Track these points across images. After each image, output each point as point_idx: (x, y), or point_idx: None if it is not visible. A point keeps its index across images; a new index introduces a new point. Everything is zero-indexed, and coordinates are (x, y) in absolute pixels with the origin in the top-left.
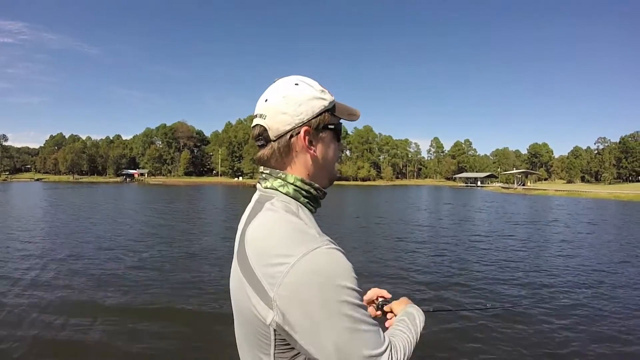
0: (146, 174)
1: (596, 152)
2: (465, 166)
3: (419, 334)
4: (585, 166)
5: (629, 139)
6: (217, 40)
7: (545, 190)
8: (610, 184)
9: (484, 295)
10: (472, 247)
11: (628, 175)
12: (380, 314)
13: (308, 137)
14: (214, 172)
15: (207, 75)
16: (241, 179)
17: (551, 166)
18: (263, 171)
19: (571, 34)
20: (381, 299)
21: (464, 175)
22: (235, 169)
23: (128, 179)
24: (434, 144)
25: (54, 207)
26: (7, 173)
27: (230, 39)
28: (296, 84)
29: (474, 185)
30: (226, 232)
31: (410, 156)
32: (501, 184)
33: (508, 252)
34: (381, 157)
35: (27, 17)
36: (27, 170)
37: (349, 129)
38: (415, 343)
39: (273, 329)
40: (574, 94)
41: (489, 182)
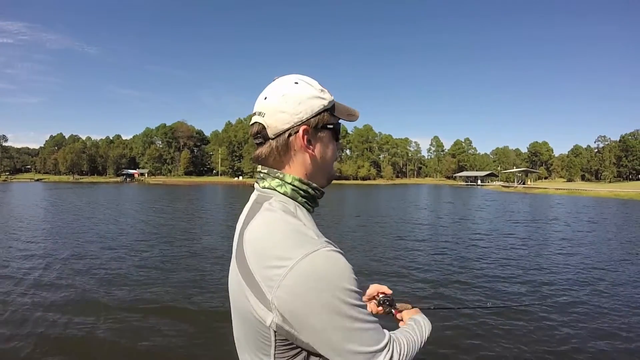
0: (146, 174)
1: (596, 150)
2: (466, 165)
3: (425, 338)
4: (586, 165)
5: (629, 137)
6: (217, 40)
7: (545, 188)
8: (610, 182)
9: (484, 292)
10: (473, 245)
11: (628, 174)
12: (381, 310)
13: (307, 136)
14: (214, 171)
15: (207, 75)
16: (241, 178)
17: (551, 165)
18: (261, 171)
19: (571, 32)
20: (382, 295)
21: (464, 174)
22: (236, 168)
23: (128, 179)
24: (434, 143)
25: (55, 207)
26: (7, 173)
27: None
28: (296, 83)
29: (474, 184)
30: (227, 231)
31: (410, 155)
32: (501, 183)
33: (508, 250)
34: (381, 156)
35: (26, 17)
36: (27, 171)
37: (349, 127)
38: (420, 345)
39: (273, 330)
40: (574, 93)
41: (489, 181)
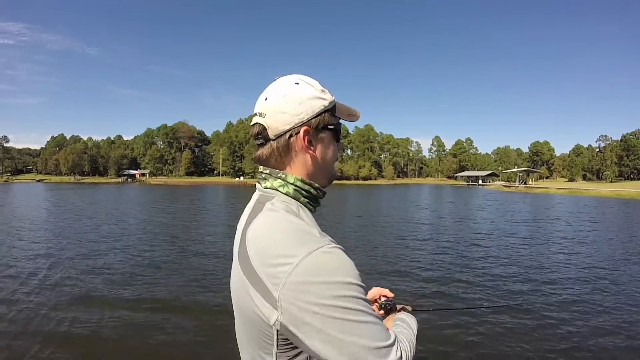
0: (147, 174)
1: (598, 150)
2: (467, 165)
3: (415, 334)
4: (587, 164)
5: (631, 136)
6: (217, 40)
7: (546, 188)
8: (611, 182)
9: (485, 292)
10: (474, 245)
11: (630, 173)
12: (383, 313)
13: (307, 137)
14: (215, 172)
15: (207, 75)
16: (242, 178)
17: (553, 164)
18: (263, 171)
19: (571, 32)
20: (384, 298)
21: (465, 174)
22: (237, 168)
23: (129, 180)
24: (435, 143)
25: (57, 207)
26: (8, 174)
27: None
28: (296, 83)
29: (476, 183)
30: (229, 230)
31: (411, 155)
32: (503, 183)
33: (510, 249)
34: (382, 156)
35: (27, 18)
36: (29, 172)
37: (350, 127)
38: (415, 343)
39: (276, 329)
40: (575, 92)
41: (491, 181)
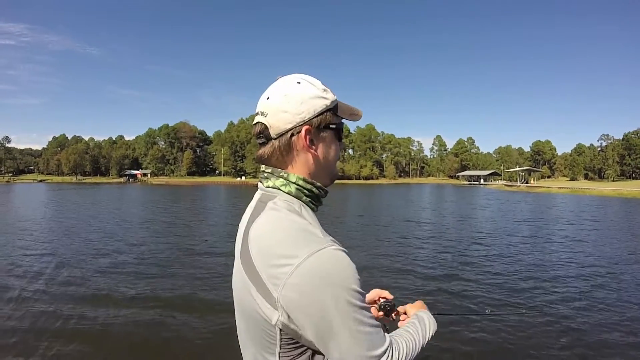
0: (149, 174)
1: (599, 149)
2: (468, 164)
3: (428, 337)
4: (589, 163)
5: (632, 135)
6: (217, 40)
7: (548, 187)
8: (613, 181)
9: (487, 294)
10: (476, 244)
11: (631, 172)
12: (382, 315)
13: (309, 136)
14: (217, 172)
15: (207, 75)
16: (244, 178)
17: (554, 164)
18: (265, 170)
19: (574, 31)
20: (383, 300)
21: (467, 173)
22: (238, 168)
23: (131, 180)
24: (436, 142)
25: (60, 207)
26: (10, 174)
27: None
28: (298, 83)
29: (477, 183)
30: (232, 229)
31: (412, 154)
32: (504, 182)
33: (511, 250)
34: (384, 156)
35: (27, 18)
36: (30, 172)
37: (352, 127)
38: (422, 345)
39: (279, 329)
40: (577, 91)
41: (492, 180)
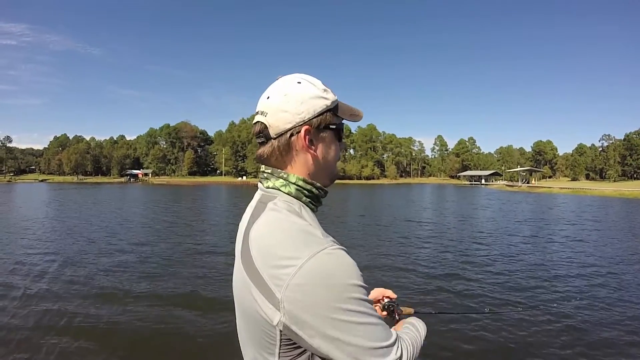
0: (150, 174)
1: (601, 149)
2: (470, 164)
3: (423, 337)
4: (590, 163)
5: (634, 135)
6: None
7: (549, 188)
8: (615, 181)
9: (488, 294)
10: (477, 245)
11: (633, 173)
12: (385, 314)
13: (308, 136)
14: (218, 171)
15: (207, 75)
16: (245, 178)
17: (555, 164)
18: (264, 170)
19: (574, 31)
20: (387, 299)
21: (468, 173)
22: (239, 168)
23: (132, 179)
24: (437, 142)
25: (62, 207)
26: (11, 174)
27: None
28: (298, 82)
29: (478, 183)
30: (233, 229)
31: (414, 154)
32: (505, 182)
33: (513, 250)
34: (385, 156)
35: (28, 18)
36: (32, 172)
37: (353, 127)
38: (420, 344)
39: (279, 330)
40: (578, 91)
41: (493, 180)
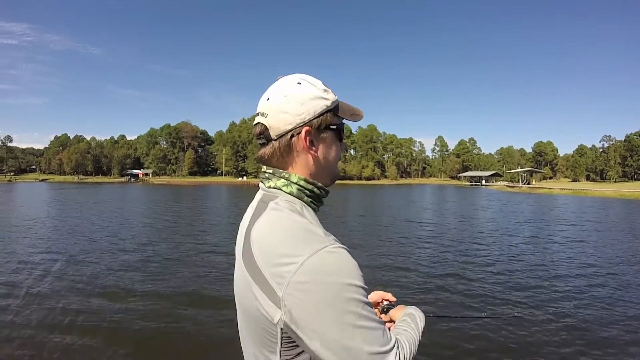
0: (150, 174)
1: (601, 150)
2: (470, 165)
3: (421, 332)
4: (591, 164)
5: (634, 136)
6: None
7: (550, 188)
8: (615, 182)
9: (488, 296)
10: (477, 246)
11: (633, 174)
12: (384, 317)
13: (309, 137)
14: (218, 172)
15: (207, 75)
16: (245, 178)
17: (556, 164)
18: (266, 171)
19: (574, 31)
20: (386, 302)
21: (468, 174)
22: (240, 168)
23: (132, 179)
24: (438, 143)
25: (63, 206)
26: (12, 174)
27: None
28: (299, 83)
29: (479, 184)
30: (235, 228)
31: (414, 155)
32: (506, 183)
33: (513, 251)
34: (385, 156)
35: (29, 18)
36: (32, 171)
37: (353, 127)
38: (418, 341)
39: (280, 328)
40: (579, 92)
41: (494, 181)
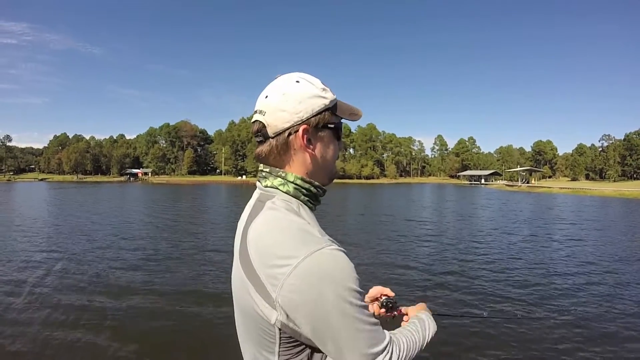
0: (150, 173)
1: (600, 149)
2: (469, 164)
3: (428, 338)
4: (590, 163)
5: (634, 136)
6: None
7: (549, 188)
8: (614, 181)
9: (487, 296)
10: (476, 245)
11: (633, 173)
12: (383, 312)
13: (306, 135)
14: (218, 171)
15: (207, 75)
16: (245, 177)
17: (555, 164)
18: (263, 169)
19: (574, 31)
20: (385, 297)
21: (468, 173)
22: (239, 167)
23: (132, 179)
24: (437, 142)
25: (63, 206)
26: (11, 173)
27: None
28: (297, 82)
29: (478, 183)
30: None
31: (413, 154)
32: (505, 182)
33: (512, 250)
34: (385, 155)
35: (29, 17)
36: (31, 171)
37: (353, 126)
38: (421, 345)
39: (278, 328)
40: (578, 91)
41: (493, 180)
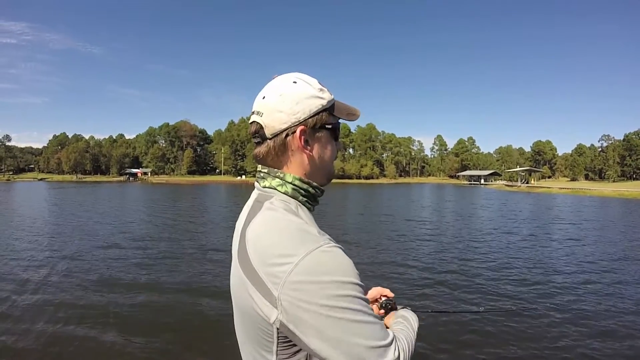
0: (149, 173)
1: (600, 149)
2: (469, 164)
3: (416, 332)
4: (589, 164)
5: (633, 136)
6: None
7: (549, 188)
8: (614, 181)
9: (486, 295)
10: (475, 244)
11: (632, 173)
12: (383, 313)
13: (304, 136)
14: (217, 170)
15: (207, 75)
16: (244, 177)
17: (555, 164)
18: (261, 170)
19: (574, 31)
20: (384, 298)
21: (467, 173)
22: (238, 167)
23: (131, 178)
24: (437, 142)
25: (62, 206)
26: (10, 173)
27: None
28: (294, 82)
29: (478, 183)
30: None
31: (413, 154)
32: (505, 182)
33: (511, 250)
34: (384, 155)
35: (29, 17)
36: (31, 170)
37: (352, 126)
38: (414, 340)
39: (276, 328)
40: (578, 91)
41: (493, 180)
